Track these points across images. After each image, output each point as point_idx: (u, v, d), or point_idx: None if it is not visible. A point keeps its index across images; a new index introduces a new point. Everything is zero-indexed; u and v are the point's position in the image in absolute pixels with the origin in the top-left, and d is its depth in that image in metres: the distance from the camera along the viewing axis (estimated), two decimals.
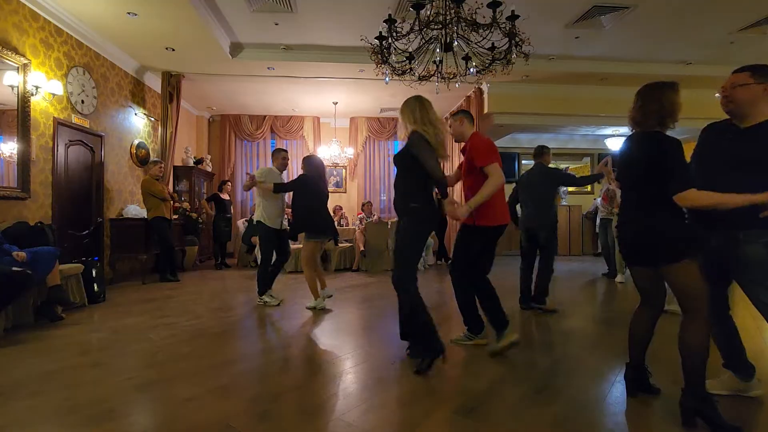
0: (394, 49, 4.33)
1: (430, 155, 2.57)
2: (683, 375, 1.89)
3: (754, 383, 2.16)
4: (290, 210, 4.66)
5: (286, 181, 4.78)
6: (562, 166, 10.53)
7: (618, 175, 2.22)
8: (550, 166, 4.47)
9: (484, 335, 3.06)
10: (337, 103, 8.64)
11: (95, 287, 4.50)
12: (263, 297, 4.51)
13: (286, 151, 4.86)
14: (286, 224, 4.86)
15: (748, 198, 1.77)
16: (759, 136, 1.89)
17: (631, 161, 2.07)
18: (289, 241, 4.84)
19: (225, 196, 7.99)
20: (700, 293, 1.89)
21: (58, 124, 4.90)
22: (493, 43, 4.09)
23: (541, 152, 4.38)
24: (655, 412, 2.00)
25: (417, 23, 3.90)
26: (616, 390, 2.28)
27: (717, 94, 2.05)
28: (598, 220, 9.35)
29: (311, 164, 4.48)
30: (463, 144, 3.00)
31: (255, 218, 4.63)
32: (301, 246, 5.02)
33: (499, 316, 2.86)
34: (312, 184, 4.36)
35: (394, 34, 4.09)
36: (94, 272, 4.50)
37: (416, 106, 2.69)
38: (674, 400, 1.95)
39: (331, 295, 4.45)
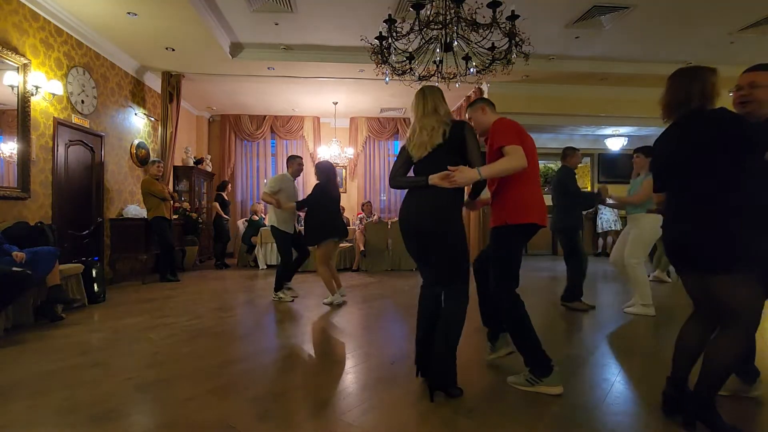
0: (394, 49, 4.33)
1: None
2: (699, 377, 1.78)
3: (756, 385, 2.15)
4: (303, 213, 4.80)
5: (294, 185, 4.88)
6: None
7: (658, 178, 1.99)
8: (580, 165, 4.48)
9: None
10: (337, 103, 8.64)
11: (95, 287, 4.50)
12: (278, 293, 4.68)
13: (301, 157, 4.99)
14: (299, 226, 5.03)
15: None
16: None
17: (676, 153, 1.84)
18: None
19: (227, 197, 8.10)
20: (746, 307, 1.69)
21: (58, 124, 4.90)
22: (493, 43, 4.09)
23: (564, 155, 4.38)
24: (655, 411, 2.00)
25: (417, 23, 3.90)
26: (617, 390, 2.28)
27: (730, 93, 1.95)
28: (599, 222, 9.40)
29: (323, 171, 4.57)
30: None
31: (268, 223, 4.80)
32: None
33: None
34: (328, 192, 4.48)
35: (394, 34, 4.09)
36: (94, 272, 4.50)
37: (414, 101, 2.39)
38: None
39: (344, 295, 4.61)
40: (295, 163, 4.83)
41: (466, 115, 2.67)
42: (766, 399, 2.14)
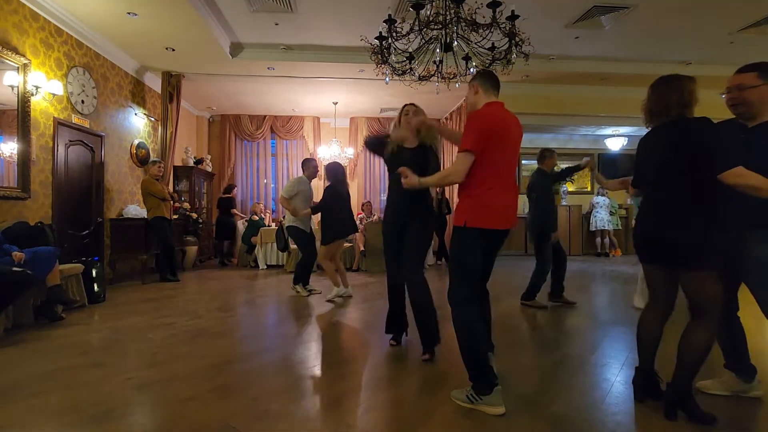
0: (394, 49, 4.33)
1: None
2: (675, 369, 1.91)
3: (755, 384, 2.16)
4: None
5: (310, 188, 5.03)
6: (563, 165, 10.52)
7: (640, 176, 2.09)
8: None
9: None
10: (337, 103, 8.64)
11: (95, 287, 4.50)
12: (296, 286, 4.94)
13: (315, 160, 5.13)
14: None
15: None
16: (766, 134, 1.87)
17: (654, 156, 1.95)
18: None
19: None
20: (715, 300, 1.85)
21: (58, 124, 4.90)
22: (493, 43, 4.09)
23: (541, 156, 4.40)
24: (655, 412, 2.00)
25: (417, 23, 3.90)
26: (617, 390, 2.28)
27: (722, 95, 2.00)
28: (593, 220, 9.37)
29: (331, 173, 4.70)
30: None
31: (287, 223, 4.95)
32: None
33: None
34: (339, 193, 4.61)
35: (394, 34, 4.09)
36: (94, 272, 4.50)
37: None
38: None
39: (351, 295, 4.73)
40: (310, 166, 4.96)
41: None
42: (766, 399, 2.14)
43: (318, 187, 8.98)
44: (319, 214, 4.75)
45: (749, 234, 1.89)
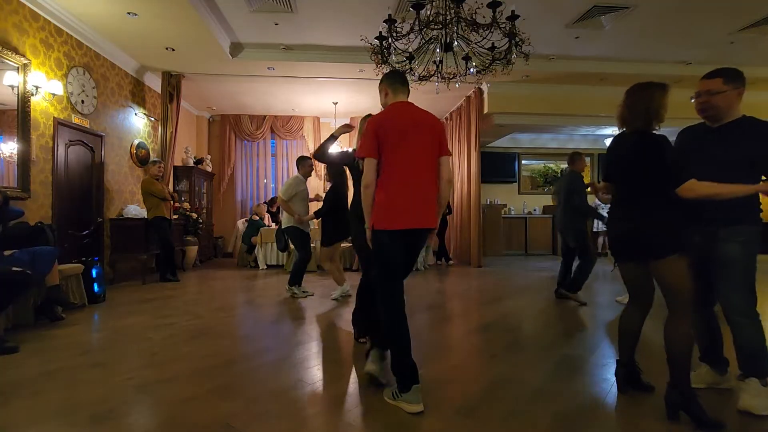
0: (394, 49, 4.33)
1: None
2: (669, 369, 1.93)
3: (728, 376, 2.22)
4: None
5: (306, 187, 5.04)
6: (563, 166, 10.55)
7: (608, 173, 2.22)
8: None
9: None
10: (337, 103, 8.64)
11: (95, 287, 4.50)
12: (293, 287, 4.82)
13: (311, 158, 4.98)
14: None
15: (747, 188, 1.86)
16: (729, 135, 2.00)
17: (622, 159, 2.09)
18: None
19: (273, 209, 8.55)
20: (686, 291, 1.91)
21: (58, 124, 4.90)
22: (493, 43, 4.09)
23: (572, 159, 4.58)
24: (654, 412, 2.00)
25: (417, 23, 3.90)
26: (616, 390, 2.28)
27: (692, 99, 2.09)
28: (595, 222, 9.38)
29: (346, 159, 4.53)
30: None
31: (284, 224, 4.94)
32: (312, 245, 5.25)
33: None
34: (341, 193, 4.49)
35: (394, 34, 4.09)
36: (94, 272, 4.50)
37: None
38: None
39: (350, 294, 4.69)
40: (306, 165, 4.92)
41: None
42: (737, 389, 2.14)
43: (318, 187, 9.04)
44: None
45: (721, 232, 1.98)
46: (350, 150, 3.13)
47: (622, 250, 2.12)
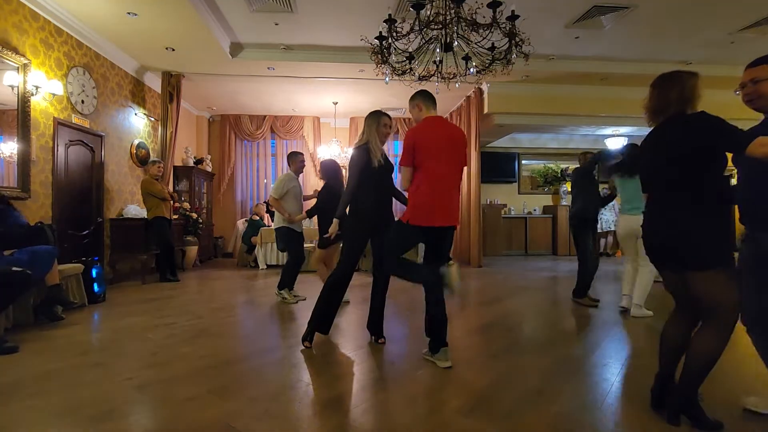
0: (394, 49, 4.33)
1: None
2: (681, 374, 1.85)
3: None
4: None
5: (299, 183, 4.90)
6: (563, 166, 10.55)
7: (646, 175, 2.04)
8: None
9: None
10: (337, 103, 8.64)
11: (95, 287, 4.50)
12: (282, 291, 4.64)
13: (302, 153, 4.92)
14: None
15: None
16: None
17: (660, 156, 1.89)
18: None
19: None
20: (722, 304, 1.74)
21: (58, 124, 4.90)
22: (493, 43, 4.08)
23: (584, 159, 4.67)
24: (654, 412, 2.00)
25: (417, 23, 3.90)
26: (617, 390, 2.28)
27: (737, 92, 1.97)
28: (599, 222, 9.38)
29: (328, 171, 4.46)
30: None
31: (275, 225, 4.79)
32: (311, 245, 5.13)
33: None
34: (336, 192, 4.34)
35: (394, 34, 4.09)
36: (94, 272, 4.50)
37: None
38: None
39: (348, 302, 4.55)
40: (297, 160, 4.75)
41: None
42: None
43: (318, 185, 9.04)
44: (315, 216, 4.57)
45: (759, 236, 1.82)
46: (351, 149, 3.20)
47: (662, 258, 1.93)
